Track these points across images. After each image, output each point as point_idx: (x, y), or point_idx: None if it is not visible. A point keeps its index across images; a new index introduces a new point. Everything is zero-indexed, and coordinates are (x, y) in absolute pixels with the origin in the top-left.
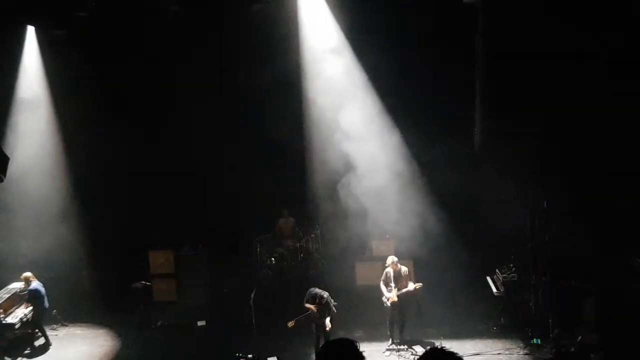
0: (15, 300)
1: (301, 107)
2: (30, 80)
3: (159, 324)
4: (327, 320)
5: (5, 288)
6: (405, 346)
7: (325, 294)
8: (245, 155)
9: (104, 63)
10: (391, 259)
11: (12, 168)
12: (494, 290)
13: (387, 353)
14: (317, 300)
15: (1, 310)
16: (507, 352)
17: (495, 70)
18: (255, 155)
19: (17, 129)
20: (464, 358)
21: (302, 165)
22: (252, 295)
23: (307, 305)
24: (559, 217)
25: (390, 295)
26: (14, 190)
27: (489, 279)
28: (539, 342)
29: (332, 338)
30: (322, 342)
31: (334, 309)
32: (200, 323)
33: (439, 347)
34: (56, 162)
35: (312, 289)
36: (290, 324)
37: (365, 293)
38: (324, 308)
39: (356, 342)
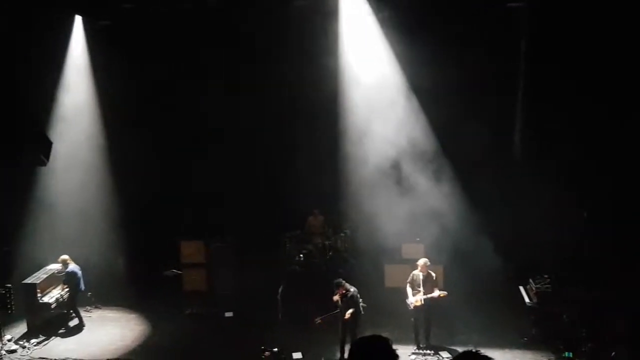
0: (52, 281)
1: (337, 106)
2: (77, 70)
3: (187, 312)
4: (349, 311)
5: (44, 269)
6: (432, 351)
7: (353, 289)
8: (279, 152)
9: (145, 56)
10: (424, 260)
11: (55, 157)
12: (527, 300)
13: (413, 357)
14: (344, 291)
15: (39, 290)
16: None
17: (539, 73)
18: (289, 152)
19: (62, 119)
20: None
21: (336, 164)
22: (280, 291)
23: (334, 297)
24: (599, 228)
25: (413, 300)
26: (58, 178)
27: (521, 288)
28: (571, 356)
29: (358, 337)
30: (347, 341)
31: (360, 308)
32: (227, 314)
33: (473, 350)
34: (97, 153)
35: (340, 279)
36: (318, 320)
37: (394, 295)
38: (348, 300)
39: (390, 340)
